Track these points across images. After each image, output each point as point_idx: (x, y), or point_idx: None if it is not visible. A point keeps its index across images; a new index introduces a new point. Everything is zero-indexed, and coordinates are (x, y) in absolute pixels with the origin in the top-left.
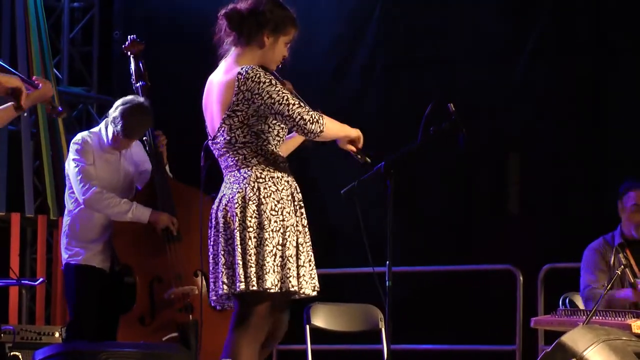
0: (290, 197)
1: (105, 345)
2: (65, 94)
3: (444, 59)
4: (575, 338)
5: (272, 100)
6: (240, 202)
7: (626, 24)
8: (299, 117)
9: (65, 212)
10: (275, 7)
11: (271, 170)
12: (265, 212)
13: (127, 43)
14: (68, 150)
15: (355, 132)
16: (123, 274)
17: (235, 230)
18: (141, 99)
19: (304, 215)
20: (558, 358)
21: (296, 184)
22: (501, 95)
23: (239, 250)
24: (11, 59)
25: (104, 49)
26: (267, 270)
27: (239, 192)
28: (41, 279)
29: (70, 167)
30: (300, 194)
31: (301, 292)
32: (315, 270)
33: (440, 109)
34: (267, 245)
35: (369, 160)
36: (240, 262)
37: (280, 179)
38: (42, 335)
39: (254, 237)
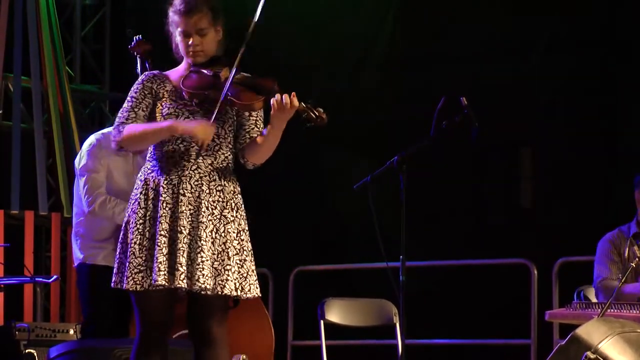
0: (153, 188)
1: (118, 342)
2: (77, 91)
3: (455, 53)
4: (590, 331)
5: None
6: None
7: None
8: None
9: (76, 210)
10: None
11: (149, 162)
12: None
13: (133, 43)
14: (81, 148)
15: (180, 128)
16: None
17: None
18: None
19: (179, 202)
20: (573, 351)
21: (172, 174)
22: (513, 90)
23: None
24: (23, 56)
25: (116, 46)
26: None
27: None
28: (55, 277)
29: (78, 173)
30: (180, 184)
31: (156, 285)
32: (181, 260)
33: (453, 103)
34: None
35: (320, 112)
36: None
37: (147, 172)
38: (57, 333)
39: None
